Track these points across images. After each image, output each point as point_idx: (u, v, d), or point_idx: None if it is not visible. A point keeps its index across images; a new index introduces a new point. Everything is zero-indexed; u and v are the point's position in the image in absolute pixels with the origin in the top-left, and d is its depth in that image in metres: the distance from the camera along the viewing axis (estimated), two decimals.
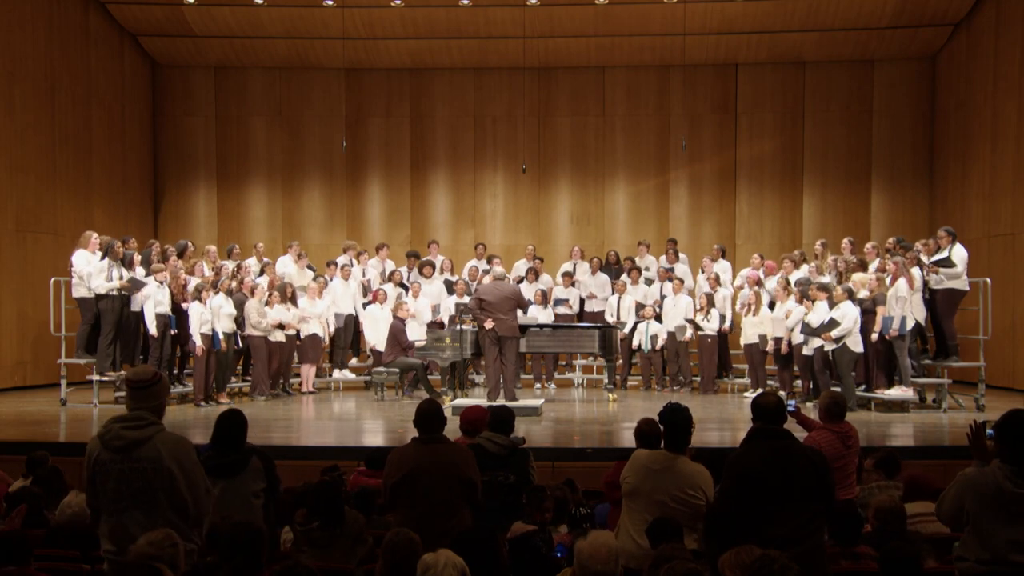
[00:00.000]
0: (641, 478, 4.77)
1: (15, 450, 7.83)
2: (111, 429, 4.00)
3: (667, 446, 4.92)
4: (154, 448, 3.96)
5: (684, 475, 4.79)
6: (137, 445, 3.95)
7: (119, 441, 3.96)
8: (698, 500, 4.74)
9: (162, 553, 3.61)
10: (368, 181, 16.70)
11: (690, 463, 4.88)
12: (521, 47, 15.23)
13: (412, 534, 3.95)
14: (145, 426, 3.99)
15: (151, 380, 4.09)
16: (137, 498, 3.93)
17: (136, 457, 3.94)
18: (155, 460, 3.94)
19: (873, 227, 15.79)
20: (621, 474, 4.94)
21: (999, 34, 13.65)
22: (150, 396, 4.06)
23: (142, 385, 4.06)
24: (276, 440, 8.75)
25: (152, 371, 4.20)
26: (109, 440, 3.97)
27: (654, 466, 4.80)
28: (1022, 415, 4.04)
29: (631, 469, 4.86)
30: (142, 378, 4.09)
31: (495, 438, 5.51)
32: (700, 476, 4.84)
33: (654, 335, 13.10)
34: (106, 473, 3.96)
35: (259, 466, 4.81)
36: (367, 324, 13.00)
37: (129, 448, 3.95)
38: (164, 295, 11.12)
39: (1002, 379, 12.66)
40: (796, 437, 4.51)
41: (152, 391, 4.06)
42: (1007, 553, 3.91)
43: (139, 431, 3.97)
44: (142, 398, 4.05)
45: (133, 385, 4.08)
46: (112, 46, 15.40)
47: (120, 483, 3.94)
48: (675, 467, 4.80)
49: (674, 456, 4.86)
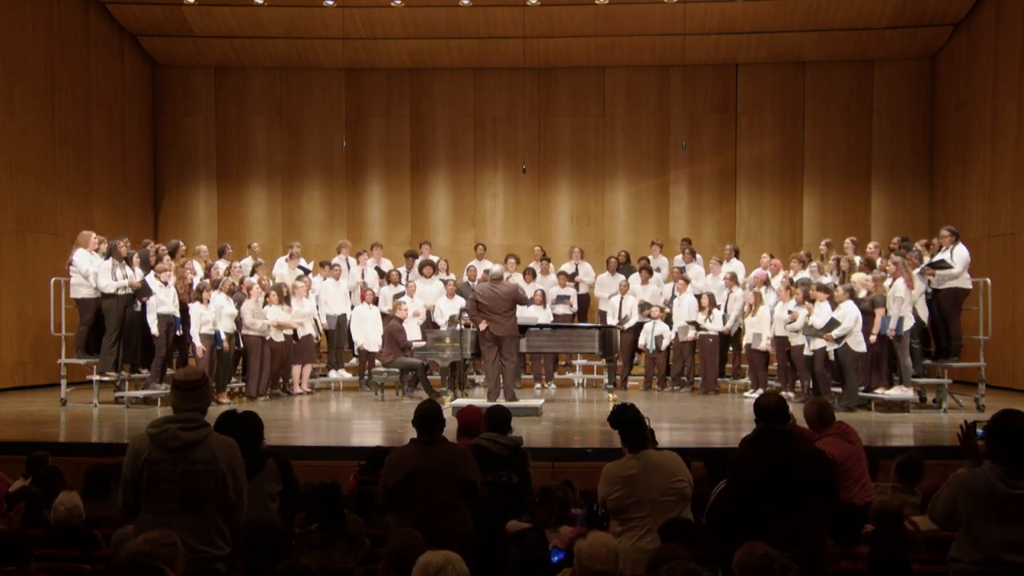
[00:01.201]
0: (626, 488, 4.71)
1: (15, 450, 7.82)
2: (166, 429, 3.98)
3: (629, 448, 4.86)
4: (208, 450, 3.97)
5: (662, 468, 4.75)
6: (192, 446, 3.96)
7: (175, 442, 3.95)
8: (682, 483, 4.75)
9: (159, 552, 3.59)
10: (368, 181, 16.70)
11: (656, 453, 4.86)
12: (521, 47, 15.23)
13: (417, 534, 3.95)
14: (199, 428, 4.01)
15: (200, 381, 4.11)
16: (187, 500, 3.93)
17: (191, 459, 3.95)
18: (209, 462, 3.95)
19: (873, 227, 15.79)
20: (601, 493, 4.83)
21: (999, 34, 13.64)
22: (199, 397, 4.08)
23: (192, 386, 4.07)
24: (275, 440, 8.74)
25: (200, 372, 4.23)
26: (165, 440, 3.96)
27: (630, 472, 4.74)
28: (1013, 415, 4.03)
29: (611, 483, 4.76)
30: (192, 379, 4.11)
31: (496, 438, 5.50)
32: (673, 461, 4.84)
33: (659, 335, 13.09)
34: (157, 473, 3.95)
35: (275, 468, 4.79)
36: (355, 324, 13.01)
37: (184, 449, 3.95)
38: (168, 295, 11.12)
39: (1002, 379, 12.66)
40: (798, 438, 4.49)
41: (200, 392, 4.09)
42: (1000, 553, 3.91)
43: (194, 432, 3.98)
44: (191, 399, 4.05)
45: (183, 386, 4.07)
46: (112, 46, 15.40)
47: (172, 484, 3.93)
48: (649, 464, 4.76)
49: (640, 454, 4.80)
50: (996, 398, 11.43)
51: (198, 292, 11.24)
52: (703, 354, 12.88)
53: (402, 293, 13.07)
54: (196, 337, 11.01)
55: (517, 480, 5.40)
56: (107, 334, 11.13)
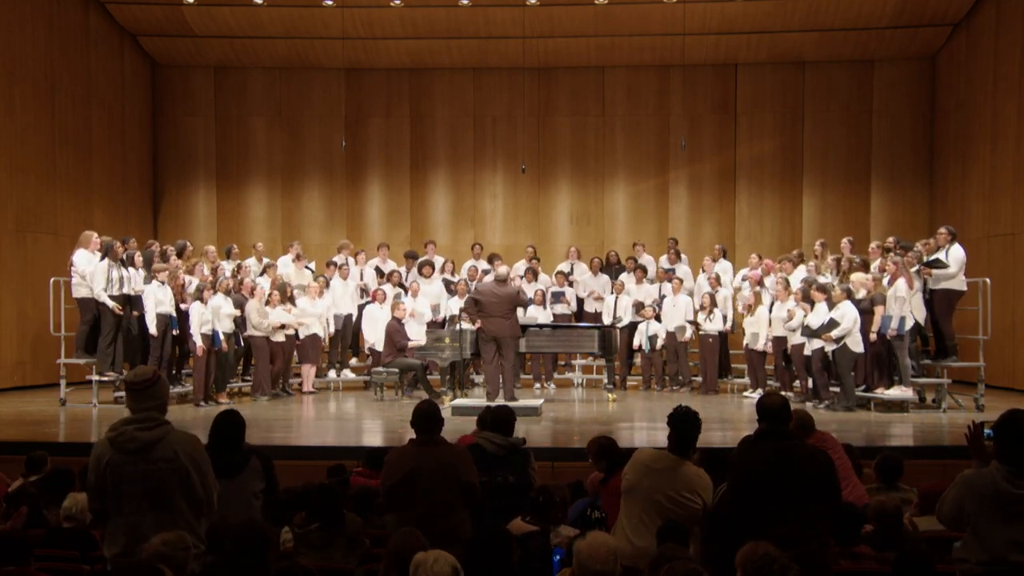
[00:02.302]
0: (640, 476, 4.71)
1: (15, 450, 7.83)
2: (123, 431, 3.96)
3: (673, 449, 4.81)
4: (169, 448, 3.95)
5: (685, 478, 4.71)
6: (151, 446, 3.94)
7: (133, 443, 3.93)
8: (695, 504, 4.67)
9: (175, 554, 3.62)
10: (368, 181, 16.70)
11: (692, 467, 4.79)
12: (521, 47, 15.23)
13: (418, 534, 3.95)
14: (156, 426, 3.99)
15: (151, 380, 4.07)
16: (153, 499, 3.92)
17: (151, 458, 3.93)
18: (171, 460, 3.93)
19: (873, 227, 15.79)
20: (623, 470, 4.87)
21: (999, 34, 13.65)
22: (151, 396, 4.05)
23: (143, 386, 4.04)
24: (277, 440, 8.76)
25: (151, 371, 4.18)
26: (123, 442, 3.94)
27: (655, 465, 4.74)
28: (1020, 415, 4.03)
29: (632, 466, 4.80)
30: (142, 379, 4.07)
31: (494, 438, 5.51)
32: (700, 480, 4.76)
33: (653, 335, 13.09)
34: (119, 476, 3.93)
35: (258, 466, 4.80)
36: (366, 324, 13.01)
37: (144, 449, 3.93)
38: (165, 295, 11.13)
39: (1002, 379, 12.66)
40: (800, 438, 4.48)
41: (153, 391, 4.05)
42: (1007, 553, 3.90)
43: (152, 431, 3.96)
44: (144, 399, 4.03)
45: (134, 387, 4.06)
46: (112, 46, 15.40)
47: (135, 485, 3.91)
48: (677, 469, 4.72)
49: (678, 459, 4.76)
50: (996, 398, 11.44)
51: (198, 292, 11.24)
52: (703, 354, 12.89)
53: (401, 293, 13.07)
54: (197, 336, 11.01)
55: (513, 480, 5.40)
56: (103, 335, 11.14)
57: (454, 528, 4.73)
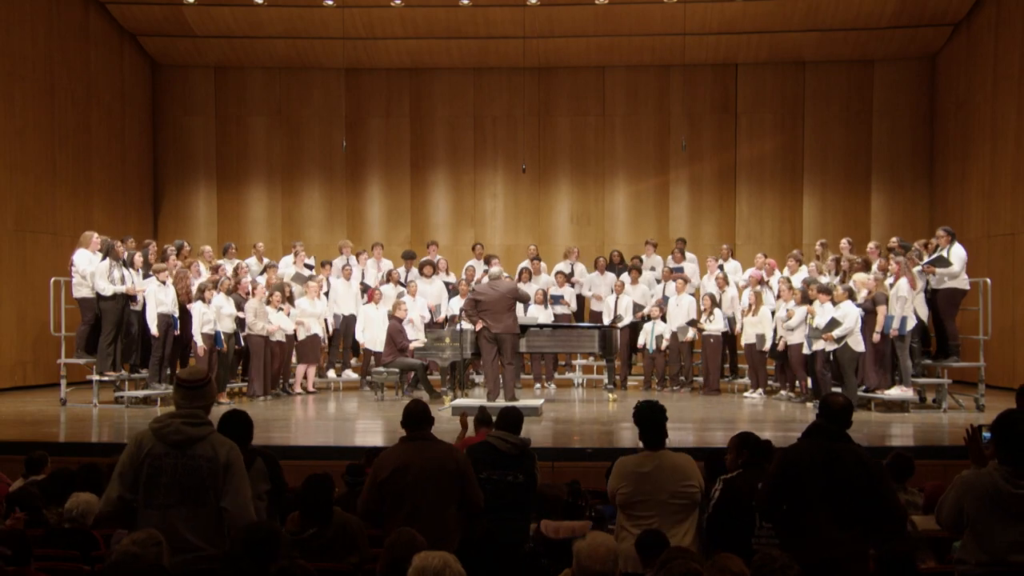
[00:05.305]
0: (636, 485, 4.70)
1: (15, 450, 7.83)
2: (170, 423, 3.99)
3: (649, 444, 4.83)
4: (210, 446, 3.98)
5: (676, 470, 4.74)
6: (194, 442, 3.97)
7: (179, 436, 3.96)
8: (693, 488, 4.73)
9: (147, 552, 3.61)
10: (368, 181, 16.70)
11: (673, 455, 4.83)
12: (521, 47, 15.23)
13: (414, 532, 3.95)
14: (202, 424, 4.03)
15: (203, 380, 4.12)
16: (188, 494, 3.93)
17: (193, 454, 3.95)
18: (211, 459, 3.96)
19: (873, 227, 15.79)
20: (610, 486, 4.83)
21: (999, 34, 13.65)
22: (202, 396, 4.08)
23: (195, 385, 4.08)
24: (276, 440, 8.75)
25: (204, 372, 4.23)
26: (168, 434, 3.97)
27: (643, 469, 4.73)
28: (1017, 415, 4.01)
29: (622, 478, 4.76)
30: (196, 379, 4.12)
31: (507, 437, 5.48)
32: (688, 465, 4.80)
33: (659, 335, 13.08)
34: (158, 467, 3.95)
35: (263, 468, 4.79)
36: (359, 324, 12.99)
37: (187, 444, 3.96)
38: (166, 294, 11.12)
39: (1002, 379, 12.65)
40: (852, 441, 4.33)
41: (204, 391, 4.09)
42: (1006, 554, 3.90)
43: (197, 428, 4.00)
44: (194, 397, 4.06)
45: (187, 384, 4.08)
46: (112, 46, 15.40)
47: (173, 478, 3.94)
48: (664, 464, 4.74)
49: (658, 454, 4.79)
50: (996, 398, 11.43)
51: (200, 292, 11.23)
52: (705, 354, 12.88)
53: (404, 293, 13.06)
54: (198, 336, 11.00)
55: (523, 480, 5.39)
56: (103, 334, 11.13)
57: (446, 524, 4.72)
